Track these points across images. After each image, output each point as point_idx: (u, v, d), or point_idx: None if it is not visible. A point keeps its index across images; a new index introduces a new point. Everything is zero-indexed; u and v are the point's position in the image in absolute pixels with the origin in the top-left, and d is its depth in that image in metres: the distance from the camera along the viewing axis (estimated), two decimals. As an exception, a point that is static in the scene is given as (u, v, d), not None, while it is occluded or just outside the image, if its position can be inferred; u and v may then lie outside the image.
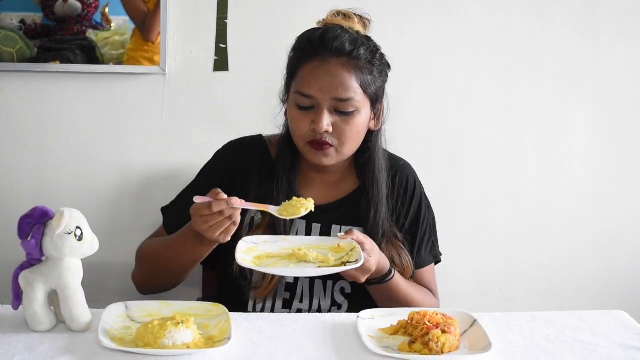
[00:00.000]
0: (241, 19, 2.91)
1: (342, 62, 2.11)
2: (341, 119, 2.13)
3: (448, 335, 1.75)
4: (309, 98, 2.12)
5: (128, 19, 2.87)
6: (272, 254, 2.04)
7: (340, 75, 2.10)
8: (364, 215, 2.27)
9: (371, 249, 2.07)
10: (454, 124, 3.07)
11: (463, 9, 3.01)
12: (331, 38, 2.11)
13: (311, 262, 1.98)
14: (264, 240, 2.09)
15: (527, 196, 3.16)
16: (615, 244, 3.21)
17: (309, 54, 2.14)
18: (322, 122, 2.10)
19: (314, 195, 2.24)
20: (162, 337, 1.68)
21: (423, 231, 2.37)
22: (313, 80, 2.11)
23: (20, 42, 2.83)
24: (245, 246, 2.03)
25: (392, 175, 2.34)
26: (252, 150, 2.33)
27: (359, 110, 2.14)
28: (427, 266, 2.39)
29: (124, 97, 2.92)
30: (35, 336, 1.74)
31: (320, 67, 2.11)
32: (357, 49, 2.12)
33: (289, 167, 2.26)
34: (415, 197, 2.38)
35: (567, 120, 3.12)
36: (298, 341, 1.80)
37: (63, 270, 1.74)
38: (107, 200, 2.94)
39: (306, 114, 2.13)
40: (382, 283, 2.17)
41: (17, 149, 2.91)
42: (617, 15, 3.07)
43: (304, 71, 2.14)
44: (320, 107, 2.11)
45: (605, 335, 1.90)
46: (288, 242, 2.09)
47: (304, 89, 2.12)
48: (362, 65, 2.13)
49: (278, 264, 1.98)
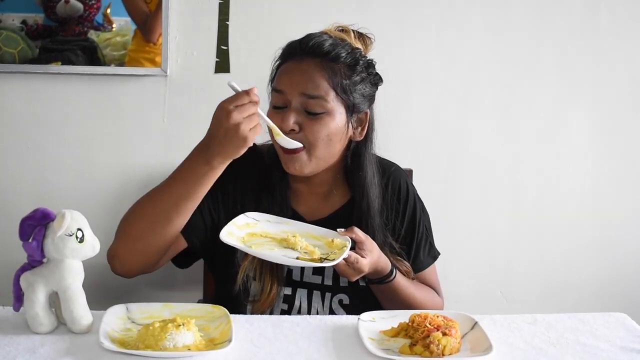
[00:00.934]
0: (242, 20, 2.92)
1: (315, 62, 2.10)
2: (309, 119, 2.10)
3: (449, 337, 1.74)
4: (280, 94, 2.11)
5: (129, 19, 2.88)
6: (267, 233, 2.04)
7: (311, 72, 2.09)
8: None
9: (369, 249, 2.06)
10: (454, 125, 3.08)
11: (463, 11, 3.01)
12: (309, 40, 2.12)
13: (297, 251, 1.98)
14: (267, 219, 2.09)
15: (528, 198, 3.16)
16: (616, 246, 3.22)
17: (287, 56, 2.16)
18: (289, 118, 2.08)
19: (306, 209, 2.26)
20: (163, 339, 1.68)
21: (420, 235, 2.36)
22: (285, 77, 2.12)
23: (22, 43, 2.84)
24: (244, 220, 2.03)
25: (385, 183, 2.31)
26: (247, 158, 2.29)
27: (330, 113, 2.10)
28: (426, 269, 2.39)
29: (125, 99, 2.92)
30: (36, 338, 1.74)
31: (294, 65, 2.12)
32: (336, 52, 2.11)
33: (280, 179, 2.23)
34: (409, 203, 2.35)
35: (568, 121, 3.12)
36: (299, 343, 1.80)
37: (64, 272, 1.74)
38: (109, 201, 2.94)
39: (279, 113, 2.11)
40: (383, 284, 2.16)
41: (19, 150, 2.91)
42: (618, 16, 3.08)
43: (280, 71, 2.16)
44: (290, 105, 2.10)
45: (606, 337, 1.90)
46: (290, 226, 2.09)
47: (276, 85, 2.14)
48: (339, 68, 2.11)
49: (265, 245, 1.98)
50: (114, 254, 2.10)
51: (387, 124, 2.32)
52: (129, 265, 2.11)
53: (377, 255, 2.10)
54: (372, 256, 2.07)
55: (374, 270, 2.10)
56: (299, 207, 2.25)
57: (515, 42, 3.06)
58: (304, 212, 2.25)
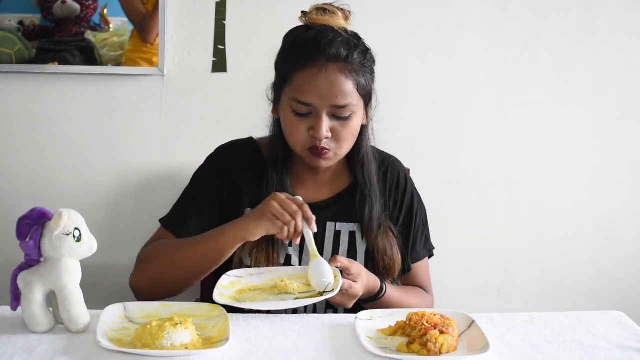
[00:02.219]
0: (239, 20, 2.92)
1: (339, 67, 2.09)
2: (339, 124, 2.12)
3: (446, 336, 1.75)
4: (307, 105, 2.10)
5: (127, 20, 2.87)
6: (255, 286, 2.03)
7: (339, 82, 2.08)
8: (359, 211, 2.27)
9: (357, 273, 2.07)
10: (452, 123, 3.08)
11: (460, 10, 3.01)
12: (326, 43, 2.09)
13: (291, 293, 1.97)
14: (249, 273, 2.07)
15: (525, 197, 3.16)
16: (613, 245, 3.22)
17: (304, 60, 2.10)
18: (322, 129, 2.09)
19: (307, 194, 2.26)
20: (161, 338, 1.68)
21: (417, 226, 2.38)
22: (312, 89, 2.08)
23: (19, 44, 2.84)
24: (228, 280, 2.02)
25: (383, 171, 2.35)
26: (244, 152, 2.32)
27: (355, 113, 2.14)
28: (421, 260, 2.40)
29: (123, 98, 2.92)
30: (34, 337, 1.74)
31: (319, 74, 2.08)
32: (352, 53, 2.11)
33: (281, 166, 2.25)
34: (408, 192, 2.38)
35: (565, 119, 3.12)
36: (296, 342, 1.80)
37: (61, 271, 1.74)
38: (106, 201, 2.94)
39: (303, 120, 2.12)
40: (376, 300, 2.17)
41: (16, 150, 2.91)
42: (615, 15, 3.07)
43: (301, 78, 2.10)
44: (319, 114, 2.10)
45: (603, 336, 1.90)
46: (273, 273, 2.07)
47: (303, 97, 2.09)
48: (357, 68, 2.12)
49: (258, 298, 1.97)
50: (139, 289, 2.20)
51: (384, 123, 2.31)
52: (152, 298, 2.13)
53: (366, 276, 2.12)
54: (362, 279, 2.08)
55: (367, 291, 2.12)
56: (298, 192, 2.25)
57: (513, 41, 3.06)
58: (303, 196, 2.22)
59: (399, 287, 2.30)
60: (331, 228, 2.26)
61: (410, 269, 2.35)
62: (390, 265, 2.26)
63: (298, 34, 2.18)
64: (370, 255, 2.26)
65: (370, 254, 2.26)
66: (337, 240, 2.26)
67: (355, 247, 2.26)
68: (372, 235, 2.24)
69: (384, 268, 2.26)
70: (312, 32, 2.14)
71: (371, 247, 2.26)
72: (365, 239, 2.26)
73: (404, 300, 2.24)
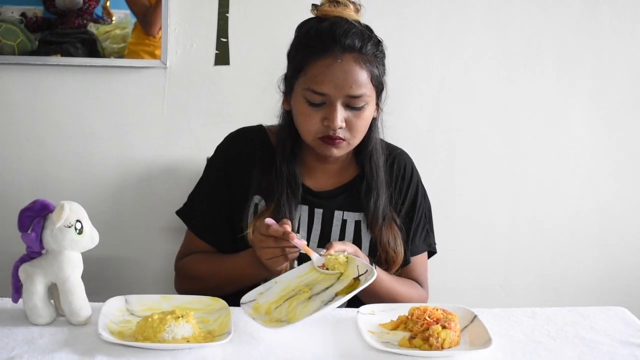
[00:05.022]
0: (242, 12, 2.91)
1: (353, 57, 2.10)
2: (353, 114, 2.13)
3: (448, 330, 1.75)
4: (322, 95, 2.10)
5: (129, 12, 2.87)
6: (275, 301, 1.96)
7: (354, 71, 2.10)
8: (364, 201, 2.28)
9: (355, 251, 2.07)
10: (454, 119, 3.07)
11: (463, 6, 3.01)
12: (342, 33, 2.10)
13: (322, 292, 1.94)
14: (259, 292, 2.00)
15: (528, 192, 3.16)
16: (616, 240, 3.21)
17: (319, 50, 2.11)
18: (337, 119, 2.10)
19: (315, 183, 2.29)
20: (162, 331, 1.68)
21: (418, 219, 2.38)
22: (327, 78, 2.09)
23: (21, 35, 2.83)
24: (250, 307, 1.94)
25: (390, 162, 2.36)
26: (252, 140, 2.33)
27: (368, 104, 2.15)
28: (420, 254, 2.40)
29: (125, 91, 2.91)
30: (35, 329, 1.74)
31: (334, 64, 2.09)
32: (366, 44, 2.12)
33: (289, 155, 2.26)
34: (412, 185, 2.39)
35: (568, 116, 3.12)
36: (298, 336, 1.80)
37: (63, 263, 1.74)
38: (108, 193, 2.94)
39: (317, 110, 2.12)
40: None
41: (18, 142, 2.91)
42: (619, 13, 3.06)
43: (316, 68, 2.11)
44: (333, 104, 2.10)
45: (605, 331, 1.90)
46: (279, 283, 2.02)
47: (317, 87, 2.10)
48: (371, 59, 2.13)
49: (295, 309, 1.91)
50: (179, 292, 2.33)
51: (386, 120, 2.31)
52: None
53: (362, 255, 2.12)
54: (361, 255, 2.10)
55: None
56: (307, 181, 2.30)
57: (517, 38, 3.05)
58: (311, 185, 2.29)
59: (392, 275, 2.29)
60: (338, 217, 2.27)
61: (409, 261, 2.35)
62: (393, 258, 2.27)
63: (312, 24, 2.18)
64: (374, 246, 2.27)
65: (374, 244, 2.27)
66: (344, 229, 2.27)
67: (360, 236, 2.27)
68: (377, 226, 2.26)
69: (386, 260, 2.26)
70: (326, 22, 2.14)
71: (374, 239, 2.27)
72: (369, 230, 2.27)
73: (395, 287, 2.24)
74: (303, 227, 2.24)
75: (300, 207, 2.25)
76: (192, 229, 2.35)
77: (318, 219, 2.26)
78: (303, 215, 2.26)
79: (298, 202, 2.24)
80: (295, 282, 2.01)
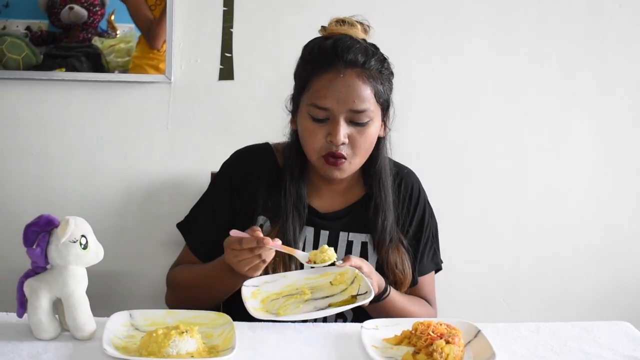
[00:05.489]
0: (247, 28, 2.92)
1: (356, 73, 2.10)
2: (356, 130, 2.12)
3: (452, 345, 1.74)
4: (325, 110, 2.10)
5: (134, 26, 2.88)
6: (275, 293, 2.02)
7: (357, 86, 2.09)
8: (371, 222, 2.26)
9: (369, 271, 2.07)
10: (458, 132, 3.08)
11: (467, 18, 3.02)
12: (344, 49, 2.10)
13: (320, 299, 1.98)
14: (265, 281, 2.05)
15: (531, 206, 3.16)
16: (620, 254, 3.21)
17: (322, 66, 2.12)
18: (339, 134, 2.09)
19: (322, 203, 2.28)
20: (166, 346, 1.68)
21: (426, 239, 2.37)
22: (329, 93, 2.09)
23: (26, 49, 2.84)
24: (249, 291, 2.00)
25: (398, 182, 2.34)
26: (259, 158, 2.32)
27: (373, 120, 2.14)
28: (427, 274, 2.40)
29: (130, 105, 2.92)
30: (40, 344, 1.74)
31: (336, 78, 2.09)
32: (369, 60, 2.12)
33: (298, 175, 2.24)
34: (420, 205, 2.37)
35: (571, 129, 3.12)
36: (302, 351, 1.80)
37: (68, 278, 1.74)
38: (112, 208, 2.94)
39: (321, 126, 2.12)
40: (380, 301, 2.16)
41: (23, 156, 2.92)
42: (621, 24, 3.08)
43: (319, 83, 2.12)
44: (336, 119, 2.10)
45: (609, 346, 1.90)
46: (288, 278, 2.06)
47: (320, 102, 2.10)
48: (375, 75, 2.13)
49: (287, 306, 1.98)
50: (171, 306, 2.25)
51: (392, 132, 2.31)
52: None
53: (376, 277, 2.12)
54: (374, 276, 2.09)
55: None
56: (313, 202, 2.28)
57: (519, 49, 3.06)
58: (317, 206, 2.27)
59: (404, 295, 2.29)
60: (344, 238, 2.26)
61: (417, 282, 2.34)
62: (401, 279, 2.26)
63: (316, 42, 2.19)
64: (381, 268, 2.24)
65: (381, 266, 2.25)
66: (350, 250, 2.26)
67: (367, 258, 2.25)
68: (384, 247, 2.24)
69: (394, 281, 2.25)
70: (330, 40, 2.15)
71: (381, 260, 2.25)
72: (376, 251, 2.26)
73: (406, 306, 2.24)
74: (308, 249, 2.22)
75: (305, 229, 2.24)
76: (188, 243, 2.33)
77: (324, 241, 2.25)
78: (308, 237, 2.25)
79: (303, 224, 2.23)
80: (302, 283, 2.04)
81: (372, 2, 2.93)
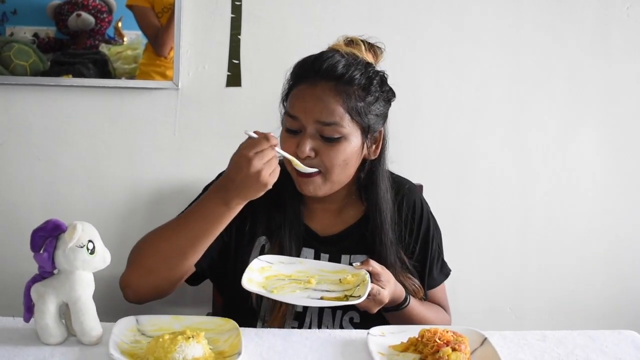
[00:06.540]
0: (254, 35, 2.93)
1: (329, 86, 2.06)
2: (325, 145, 2.07)
3: (458, 353, 1.74)
4: (295, 120, 2.08)
5: (141, 33, 2.89)
6: (284, 275, 2.03)
7: (325, 98, 2.06)
8: (369, 244, 2.23)
9: (387, 280, 2.05)
10: (464, 141, 3.08)
11: (474, 28, 3.02)
12: (322, 61, 2.08)
13: (318, 290, 1.98)
14: (280, 260, 2.07)
15: (537, 214, 3.16)
16: (626, 263, 3.21)
17: (299, 77, 2.12)
18: (305, 145, 2.06)
19: (320, 225, 2.25)
20: (173, 351, 1.68)
21: (433, 253, 2.35)
22: (298, 102, 2.09)
23: (34, 56, 2.85)
24: (259, 264, 2.02)
25: (399, 200, 2.30)
26: None
27: (346, 138, 2.08)
28: (439, 285, 2.39)
29: (137, 112, 2.93)
30: (46, 349, 1.74)
31: (307, 89, 2.08)
32: (350, 74, 2.07)
33: (293, 196, 2.21)
34: (424, 221, 2.34)
35: (577, 137, 3.13)
36: (308, 357, 1.80)
37: (75, 283, 1.74)
38: (119, 213, 2.95)
39: (293, 138, 2.10)
40: (399, 310, 2.16)
41: (30, 162, 2.92)
42: (629, 32, 3.08)
43: (293, 94, 2.12)
44: (305, 130, 2.07)
45: (615, 355, 1.90)
46: (304, 265, 2.07)
47: (291, 110, 2.10)
48: (353, 91, 2.07)
49: (285, 287, 1.97)
50: (127, 284, 2.11)
51: (397, 140, 2.30)
52: (141, 295, 2.12)
53: (394, 284, 2.10)
54: (390, 286, 2.07)
55: (392, 299, 2.10)
56: (312, 224, 2.25)
57: (526, 58, 3.06)
58: (316, 229, 2.24)
59: (422, 302, 2.28)
60: (345, 260, 2.22)
61: (426, 297, 2.32)
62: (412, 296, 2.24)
63: (306, 57, 2.17)
64: None
65: None
66: None
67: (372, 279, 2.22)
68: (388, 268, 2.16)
69: None
70: (316, 54, 2.14)
71: None
72: None
73: (425, 315, 2.23)
74: None
75: (305, 251, 2.22)
76: None
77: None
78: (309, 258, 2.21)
79: (301, 245, 2.20)
80: (314, 272, 2.05)
81: (378, 11, 2.94)
